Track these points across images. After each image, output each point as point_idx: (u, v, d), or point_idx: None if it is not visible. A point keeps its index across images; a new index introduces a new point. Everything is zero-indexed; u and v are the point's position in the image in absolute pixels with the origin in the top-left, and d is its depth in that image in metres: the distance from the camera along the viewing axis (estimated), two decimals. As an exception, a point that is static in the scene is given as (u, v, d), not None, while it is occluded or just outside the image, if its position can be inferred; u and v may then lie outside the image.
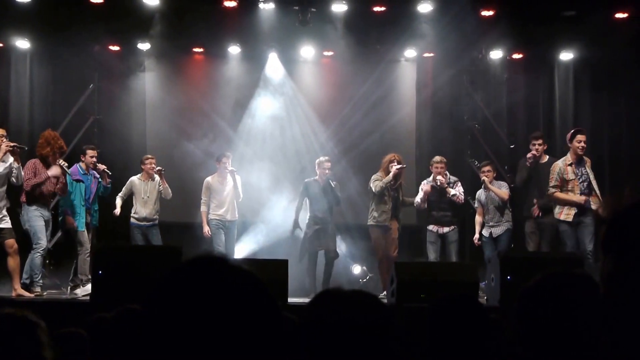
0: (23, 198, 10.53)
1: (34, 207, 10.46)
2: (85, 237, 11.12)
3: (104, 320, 5.11)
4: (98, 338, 4.59)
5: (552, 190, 10.84)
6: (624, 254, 1.61)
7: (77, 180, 11.25)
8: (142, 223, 12.06)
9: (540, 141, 11.67)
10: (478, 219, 12.10)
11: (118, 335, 4.47)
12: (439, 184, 11.83)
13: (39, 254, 10.43)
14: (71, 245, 11.39)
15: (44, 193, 10.61)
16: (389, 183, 11.73)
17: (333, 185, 11.82)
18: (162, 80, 14.21)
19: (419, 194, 12.08)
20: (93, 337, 4.56)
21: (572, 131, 11.27)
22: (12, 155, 10.37)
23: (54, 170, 10.55)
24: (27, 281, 10.42)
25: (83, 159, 11.48)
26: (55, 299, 10.21)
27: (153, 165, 12.14)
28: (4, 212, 10.36)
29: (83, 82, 13.70)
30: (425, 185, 12.03)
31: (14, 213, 10.62)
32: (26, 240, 10.61)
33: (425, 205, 12.02)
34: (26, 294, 10.24)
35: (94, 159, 11.48)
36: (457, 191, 11.87)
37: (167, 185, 12.18)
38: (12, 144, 10.42)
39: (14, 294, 10.13)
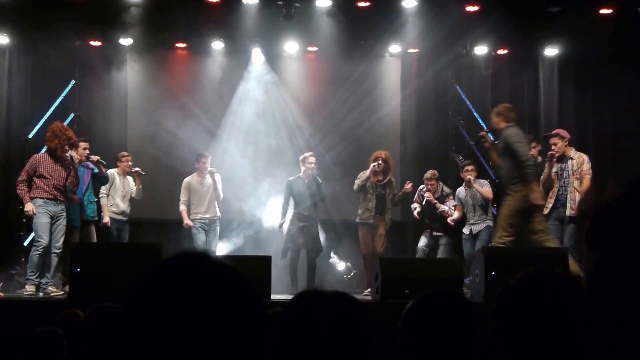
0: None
1: (40, 202, 10.22)
2: (76, 234, 10.96)
3: (75, 316, 5.03)
4: (71, 335, 4.51)
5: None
6: (608, 248, 1.53)
7: None
8: (119, 217, 11.91)
9: (533, 143, 11.73)
10: (457, 215, 12.10)
11: (93, 334, 4.42)
12: (425, 202, 12.02)
13: (37, 252, 10.15)
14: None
15: (52, 188, 10.29)
16: (364, 181, 11.75)
17: (320, 181, 11.79)
18: (144, 76, 14.05)
19: (415, 208, 12.27)
20: (66, 333, 4.48)
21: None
22: None
23: (27, 207, 10.18)
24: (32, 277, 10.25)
25: (75, 152, 11.21)
26: (31, 298, 10.02)
27: (130, 164, 12.01)
28: None
29: (63, 77, 13.54)
30: (417, 200, 12.26)
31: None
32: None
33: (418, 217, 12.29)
34: None
35: (87, 151, 11.33)
36: (447, 206, 11.99)
37: (141, 186, 12.07)
38: None
39: None
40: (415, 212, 12.25)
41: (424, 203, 12.03)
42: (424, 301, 3.15)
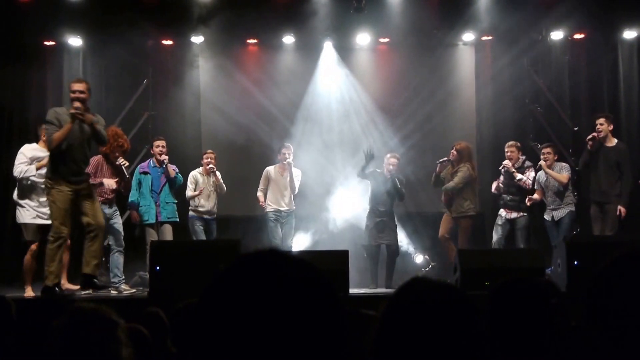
0: None
1: None
2: (151, 231, 11.08)
3: (156, 314, 5.02)
4: (153, 332, 4.51)
5: None
6: None
7: (144, 173, 11.36)
8: (205, 216, 11.99)
9: (601, 120, 11.28)
10: (536, 196, 11.80)
11: (179, 330, 4.43)
12: (505, 169, 11.68)
13: None
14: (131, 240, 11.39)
15: (106, 191, 10.64)
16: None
17: (397, 183, 11.59)
18: (216, 73, 14.07)
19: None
20: (148, 331, 4.48)
21: None
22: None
23: (109, 182, 10.58)
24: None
25: (152, 151, 11.55)
26: (113, 295, 10.12)
27: (207, 160, 12.02)
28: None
29: (136, 77, 13.68)
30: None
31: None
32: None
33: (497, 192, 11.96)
34: (73, 287, 10.24)
35: (159, 149, 11.47)
36: (526, 176, 11.63)
37: (221, 182, 12.07)
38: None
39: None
40: (493, 187, 12.00)
41: (501, 169, 11.75)
42: (500, 291, 3.10)
